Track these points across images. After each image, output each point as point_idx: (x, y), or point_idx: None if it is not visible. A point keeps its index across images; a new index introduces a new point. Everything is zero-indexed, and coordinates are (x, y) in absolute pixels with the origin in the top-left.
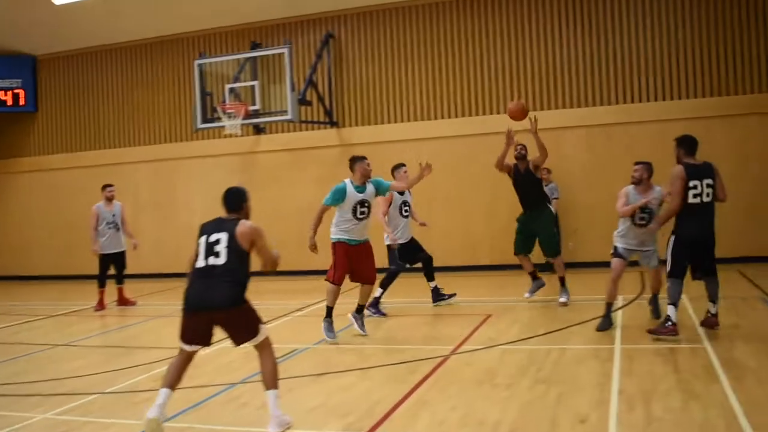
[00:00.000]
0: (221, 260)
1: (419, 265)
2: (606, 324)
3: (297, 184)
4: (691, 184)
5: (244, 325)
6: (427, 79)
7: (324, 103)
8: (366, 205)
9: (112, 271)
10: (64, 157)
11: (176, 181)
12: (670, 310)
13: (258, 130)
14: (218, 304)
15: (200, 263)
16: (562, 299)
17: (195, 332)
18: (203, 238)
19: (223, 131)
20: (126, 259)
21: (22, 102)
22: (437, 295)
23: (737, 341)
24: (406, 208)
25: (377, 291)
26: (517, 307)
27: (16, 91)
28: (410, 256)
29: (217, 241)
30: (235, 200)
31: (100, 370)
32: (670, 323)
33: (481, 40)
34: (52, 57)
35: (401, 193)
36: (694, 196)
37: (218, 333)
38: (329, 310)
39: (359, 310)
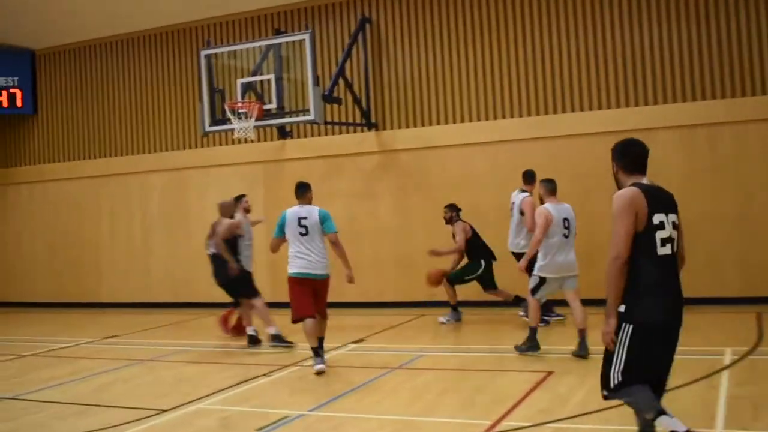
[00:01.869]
0: None
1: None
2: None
3: (330, 197)
4: (656, 219)
5: None
6: (486, 72)
7: (360, 101)
8: None
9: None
10: (66, 166)
11: (189, 194)
12: (666, 423)
13: (283, 134)
14: None
15: None
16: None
17: None
18: None
19: (235, 134)
20: None
21: (19, 103)
22: (547, 309)
23: None
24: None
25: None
26: (589, 360)
27: (12, 90)
28: None
29: None
30: None
31: None
32: None
33: (551, 25)
34: (52, 51)
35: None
36: (664, 242)
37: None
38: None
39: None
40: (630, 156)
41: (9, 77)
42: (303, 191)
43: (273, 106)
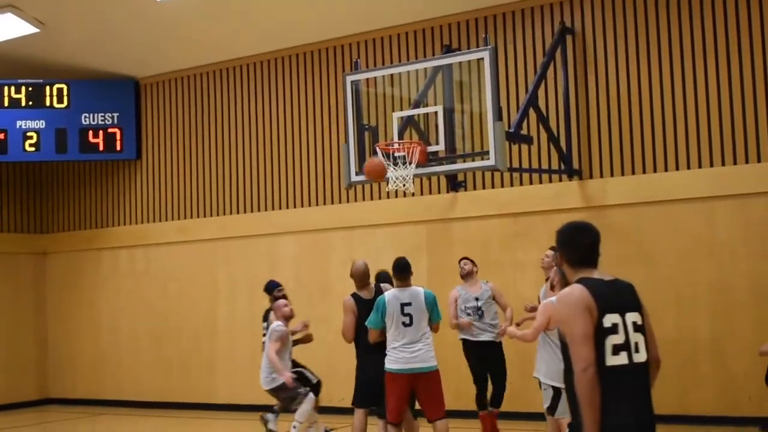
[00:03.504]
0: None
1: None
2: None
3: (515, 268)
4: (607, 321)
5: None
6: (739, 96)
7: (557, 140)
8: None
9: None
10: (175, 226)
11: (330, 263)
12: None
13: (454, 184)
14: None
15: None
16: None
17: None
18: None
19: (390, 186)
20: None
21: (118, 146)
22: None
23: None
24: None
25: None
26: None
27: (110, 130)
28: None
29: None
30: None
31: None
32: None
33: None
34: (161, 79)
35: None
36: (617, 349)
37: None
38: None
39: None
40: (577, 248)
41: (107, 113)
42: (407, 272)
43: (440, 147)
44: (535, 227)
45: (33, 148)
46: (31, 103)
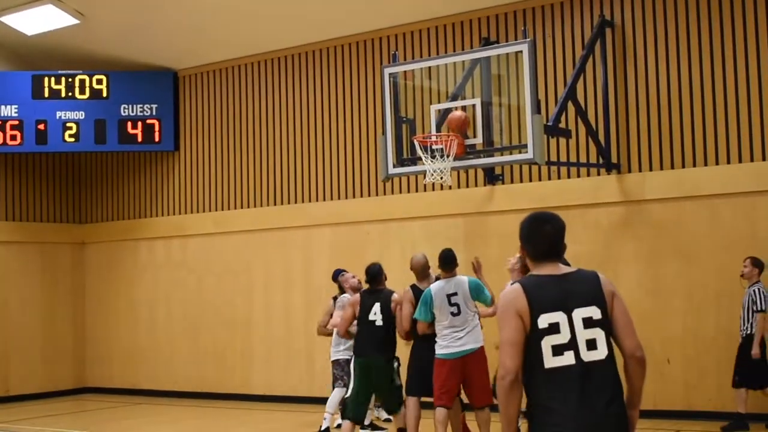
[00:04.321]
0: None
1: None
2: None
3: None
4: (543, 322)
5: None
6: None
7: (596, 134)
8: None
9: None
10: (212, 217)
11: (366, 256)
12: None
13: (491, 177)
14: None
15: None
16: None
17: None
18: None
19: (426, 179)
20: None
21: (156, 138)
22: None
23: None
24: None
25: None
26: None
27: (149, 121)
28: None
29: None
30: None
31: None
32: None
33: None
34: (199, 71)
35: None
36: (559, 350)
37: None
38: None
39: None
40: (538, 241)
41: (146, 104)
42: (452, 263)
43: (478, 140)
44: (572, 221)
45: (72, 139)
46: (70, 94)
